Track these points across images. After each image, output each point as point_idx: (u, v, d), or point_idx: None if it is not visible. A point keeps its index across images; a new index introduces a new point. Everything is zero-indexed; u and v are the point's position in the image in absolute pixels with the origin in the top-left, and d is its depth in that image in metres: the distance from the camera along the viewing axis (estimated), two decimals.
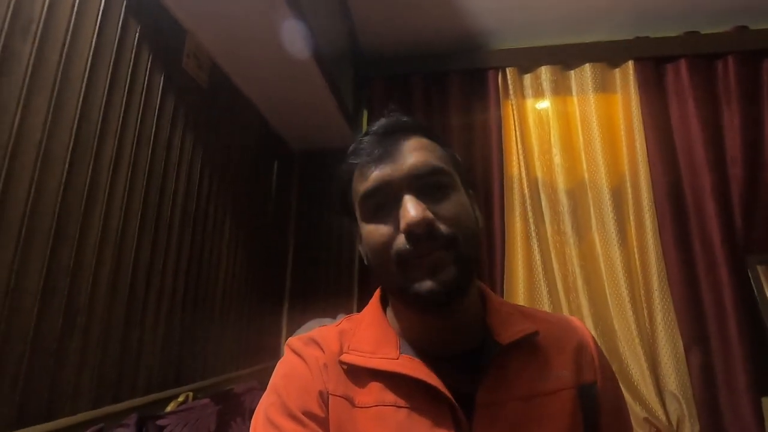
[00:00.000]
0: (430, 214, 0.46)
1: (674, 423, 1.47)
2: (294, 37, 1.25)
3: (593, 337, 0.57)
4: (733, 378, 1.48)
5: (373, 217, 0.50)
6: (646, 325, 1.60)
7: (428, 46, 1.95)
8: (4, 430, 0.68)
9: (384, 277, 0.50)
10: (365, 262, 0.54)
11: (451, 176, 0.51)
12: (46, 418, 0.76)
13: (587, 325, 1.59)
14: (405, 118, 0.54)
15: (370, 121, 1.99)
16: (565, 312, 1.63)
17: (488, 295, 0.57)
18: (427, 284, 0.46)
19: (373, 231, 0.49)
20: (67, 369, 0.81)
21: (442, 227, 0.47)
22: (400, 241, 0.47)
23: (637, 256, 1.66)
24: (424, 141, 0.52)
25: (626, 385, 1.53)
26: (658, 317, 1.59)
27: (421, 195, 0.48)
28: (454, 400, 0.46)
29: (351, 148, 0.55)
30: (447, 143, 0.56)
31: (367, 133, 0.54)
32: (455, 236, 0.47)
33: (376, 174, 0.49)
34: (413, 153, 0.50)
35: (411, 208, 0.46)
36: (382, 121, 0.54)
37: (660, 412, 1.47)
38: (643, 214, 1.67)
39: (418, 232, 0.45)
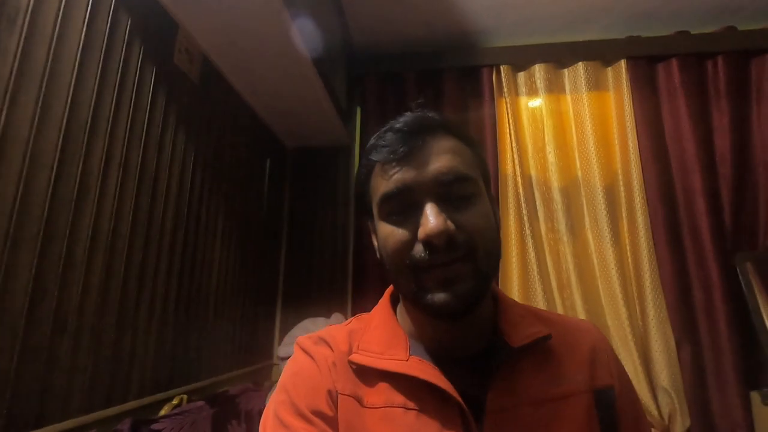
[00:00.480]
0: (451, 226, 0.45)
1: (666, 417, 1.50)
2: (288, 32, 1.23)
3: (608, 342, 0.56)
4: (722, 372, 1.51)
5: (392, 219, 0.48)
6: (639, 321, 1.62)
7: (422, 43, 1.94)
8: None
9: (397, 281, 0.50)
10: (378, 255, 0.53)
11: (477, 183, 0.49)
12: (36, 425, 0.73)
13: None
14: (432, 115, 0.51)
15: (363, 119, 1.98)
16: (559, 309, 1.64)
17: (501, 296, 0.56)
18: (440, 296, 0.45)
19: (390, 234, 0.48)
20: (57, 373, 0.78)
21: (462, 238, 0.45)
22: (417, 248, 0.46)
23: (629, 253, 1.68)
24: (451, 142, 0.50)
25: None
26: (650, 314, 1.61)
27: (443, 202, 0.46)
28: (463, 404, 0.45)
29: (373, 141, 0.52)
30: (474, 142, 0.53)
31: (391, 128, 0.50)
32: (475, 249, 0.46)
33: (399, 176, 0.47)
34: (439, 157, 0.47)
35: (432, 218, 0.44)
36: (408, 116, 0.51)
37: (652, 407, 1.50)
38: (636, 212, 1.69)
39: (437, 243, 0.44)
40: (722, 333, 1.53)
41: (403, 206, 0.48)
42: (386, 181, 0.48)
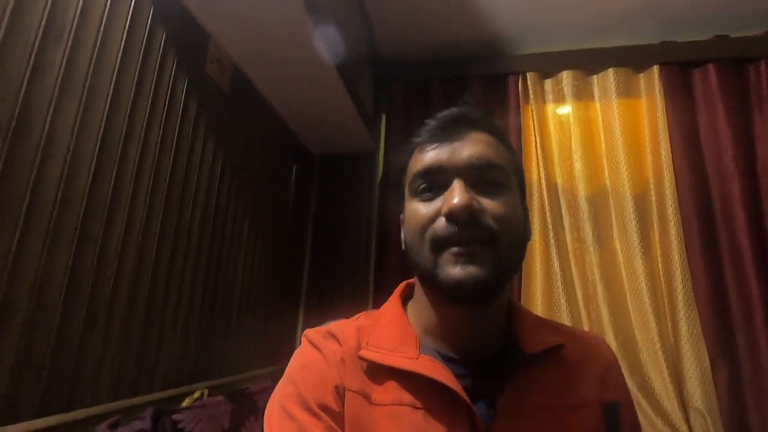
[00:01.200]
0: (476, 204, 0.45)
1: None
2: (312, 41, 1.27)
3: (616, 358, 0.57)
4: (761, 394, 1.41)
5: (420, 197, 0.50)
6: (670, 336, 1.55)
7: (448, 50, 1.95)
8: (27, 418, 0.71)
9: (416, 260, 0.50)
10: (403, 247, 0.53)
11: (508, 175, 0.50)
12: (67, 409, 0.78)
13: (607, 336, 1.55)
14: (476, 112, 0.54)
15: (389, 126, 2.00)
16: (585, 322, 1.59)
17: (516, 305, 0.56)
18: (457, 272, 0.45)
19: (416, 210, 0.49)
20: (88, 363, 0.84)
21: (487, 221, 0.46)
22: (440, 222, 0.47)
23: (660, 265, 1.61)
24: (489, 137, 0.52)
25: (649, 400, 1.48)
26: (683, 329, 1.54)
27: (472, 186, 0.48)
28: (472, 406, 0.45)
29: (418, 130, 0.55)
30: (511, 146, 0.55)
31: (435, 117, 0.54)
32: (498, 234, 0.46)
33: (433, 155, 0.50)
34: (474, 144, 0.50)
35: (457, 193, 0.45)
36: (453, 109, 0.54)
37: (684, 429, 1.42)
38: (668, 222, 1.62)
39: (460, 219, 0.45)
40: (763, 352, 1.44)
41: (434, 185, 0.49)
42: (421, 159, 0.51)
